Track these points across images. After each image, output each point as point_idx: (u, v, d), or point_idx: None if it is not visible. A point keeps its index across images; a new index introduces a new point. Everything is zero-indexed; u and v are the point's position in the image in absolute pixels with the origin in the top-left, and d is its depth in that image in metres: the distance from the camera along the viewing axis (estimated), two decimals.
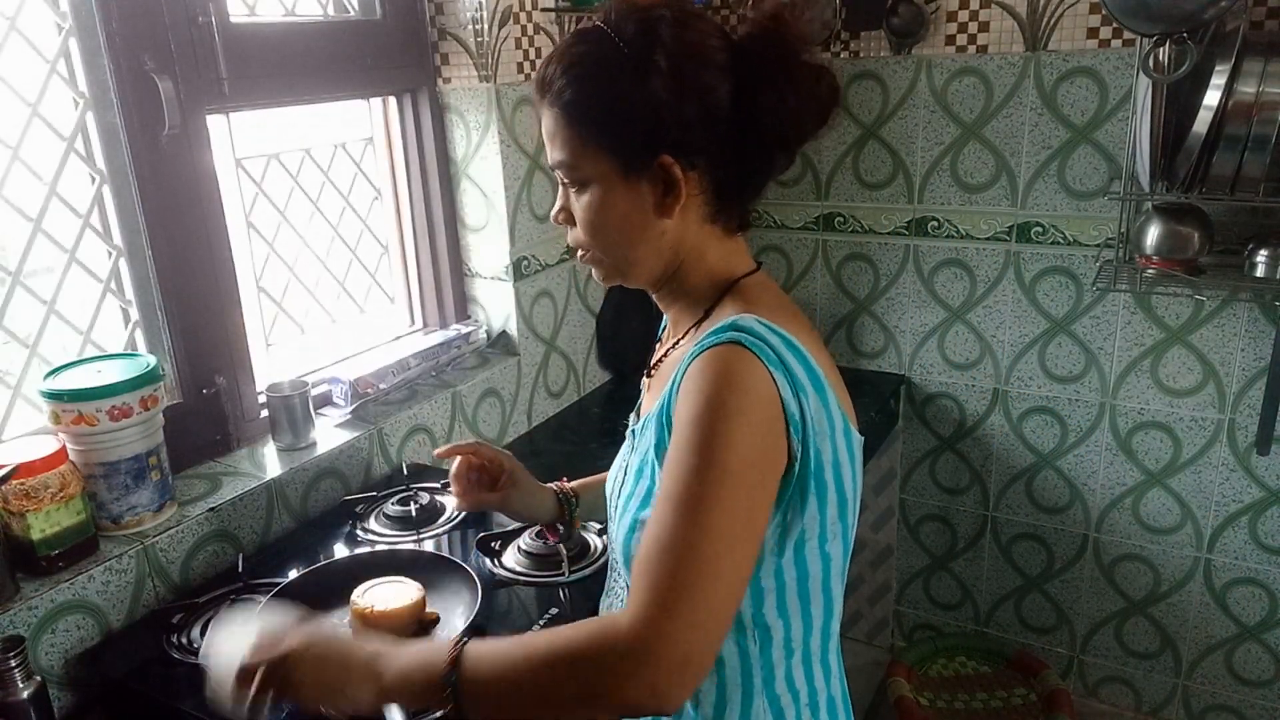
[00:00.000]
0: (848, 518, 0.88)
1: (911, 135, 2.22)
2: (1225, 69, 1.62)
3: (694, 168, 0.86)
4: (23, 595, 1.20)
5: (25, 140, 1.35)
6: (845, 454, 0.86)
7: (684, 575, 0.73)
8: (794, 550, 0.85)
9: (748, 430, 0.77)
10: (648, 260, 0.91)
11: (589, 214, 0.89)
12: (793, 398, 0.79)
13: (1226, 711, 2.29)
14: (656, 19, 0.84)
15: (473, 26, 1.83)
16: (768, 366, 0.78)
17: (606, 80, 0.84)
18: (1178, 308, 2.06)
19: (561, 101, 0.86)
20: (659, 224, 0.88)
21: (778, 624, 0.88)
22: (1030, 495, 2.36)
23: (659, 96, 0.82)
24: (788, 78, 0.84)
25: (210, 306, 1.54)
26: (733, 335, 0.80)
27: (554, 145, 0.89)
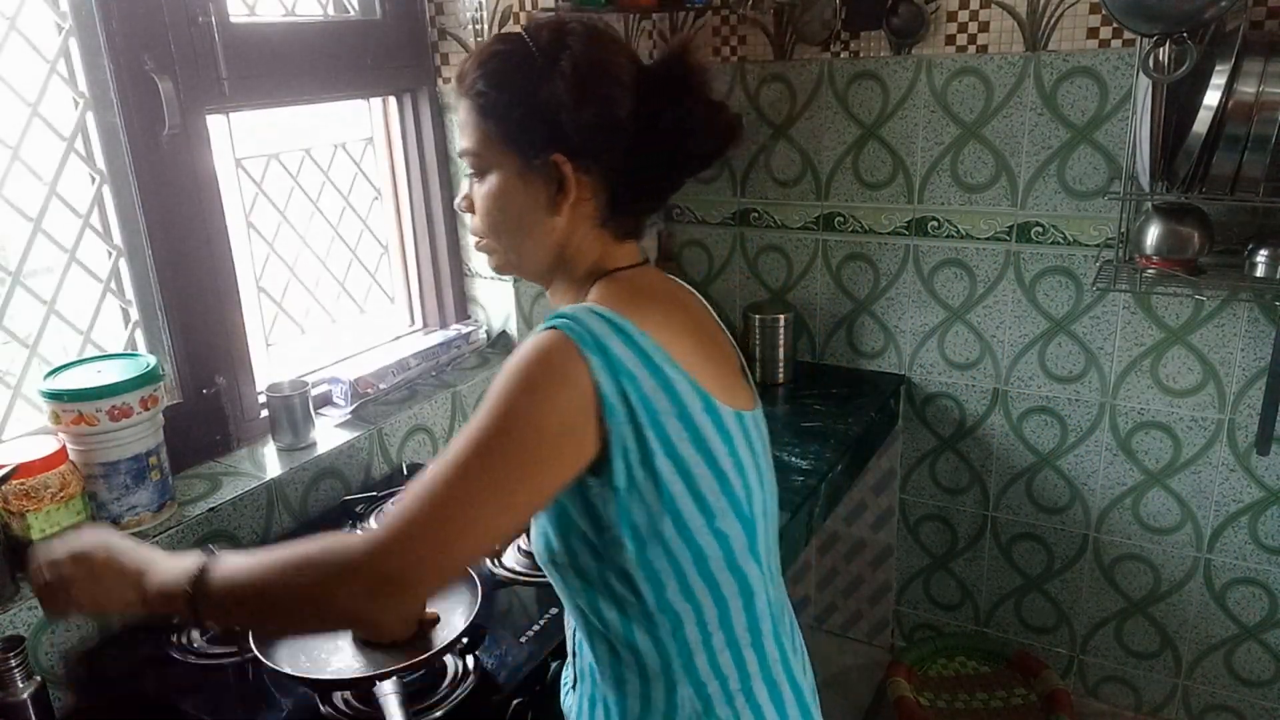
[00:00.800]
0: (735, 493, 0.90)
1: (911, 135, 2.22)
2: (1225, 69, 1.62)
3: (588, 172, 0.91)
4: (23, 595, 1.20)
5: (25, 140, 1.35)
6: (712, 430, 0.87)
7: (420, 509, 0.79)
8: (678, 532, 0.87)
9: (543, 407, 0.80)
10: (535, 253, 0.96)
11: (486, 202, 0.95)
12: (610, 381, 0.82)
13: (1226, 711, 2.29)
14: (569, 31, 0.91)
15: (473, 26, 1.83)
16: (583, 350, 0.82)
17: (514, 79, 0.90)
18: (1178, 308, 2.06)
19: (472, 94, 0.92)
20: (549, 220, 0.93)
21: (685, 608, 0.90)
22: (1030, 495, 2.36)
23: (560, 99, 0.88)
24: (687, 106, 0.90)
25: (210, 306, 1.54)
26: (555, 321, 0.84)
27: (463, 135, 0.95)
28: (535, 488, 0.82)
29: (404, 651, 1.14)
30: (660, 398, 0.84)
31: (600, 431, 0.82)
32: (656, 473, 0.85)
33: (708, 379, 0.89)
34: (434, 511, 0.79)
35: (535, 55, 0.90)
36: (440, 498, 0.79)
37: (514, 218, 0.94)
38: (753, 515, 0.93)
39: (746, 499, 0.92)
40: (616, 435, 0.82)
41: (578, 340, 0.82)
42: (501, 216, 0.95)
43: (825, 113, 2.30)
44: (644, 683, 0.93)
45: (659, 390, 0.84)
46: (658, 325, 0.88)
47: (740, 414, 0.91)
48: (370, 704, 1.12)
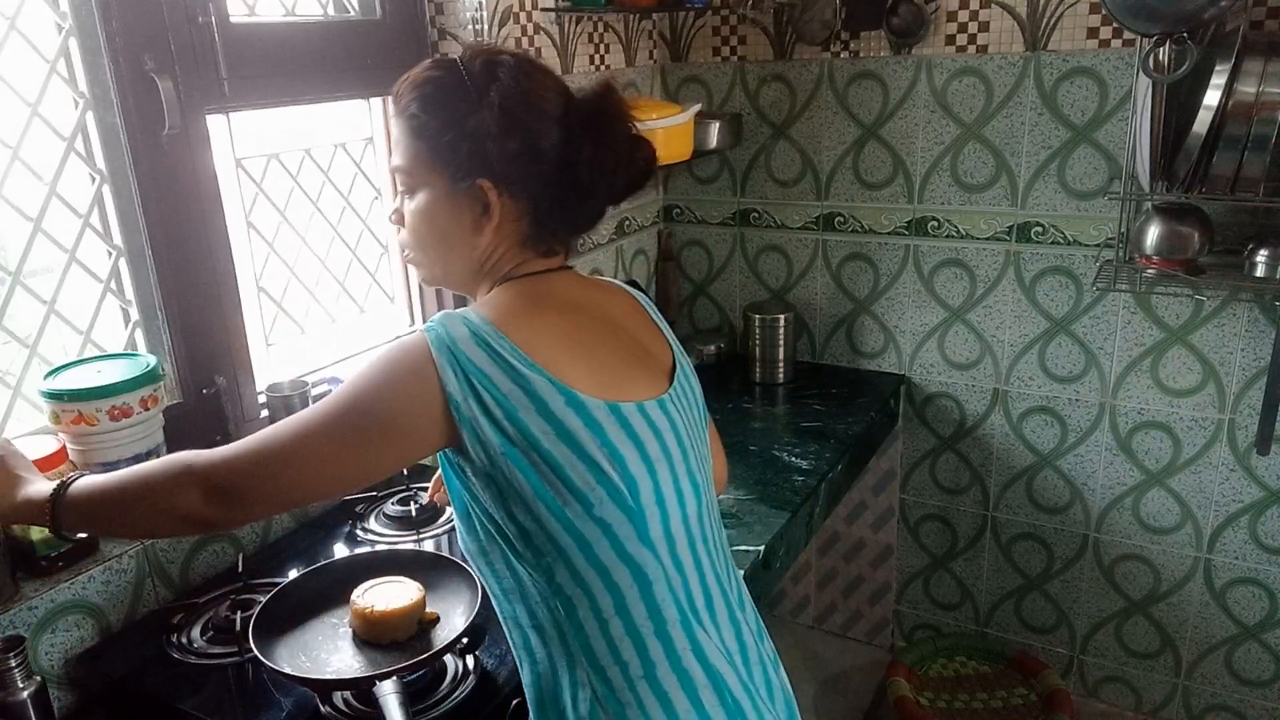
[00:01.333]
0: (612, 483, 0.93)
1: (911, 135, 2.22)
2: (1225, 69, 1.62)
3: (512, 197, 0.97)
4: (23, 595, 1.20)
5: (25, 140, 1.35)
6: (578, 422, 0.92)
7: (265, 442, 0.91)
8: (555, 519, 0.92)
9: (383, 391, 0.90)
10: (459, 268, 1.03)
11: (414, 219, 1.01)
12: (456, 381, 0.89)
13: (1226, 711, 2.29)
14: (500, 63, 0.97)
15: (473, 26, 1.83)
16: (434, 351, 0.90)
17: (445, 105, 0.96)
18: (1178, 308, 2.06)
19: (406, 114, 0.98)
20: (473, 240, 0.99)
21: (577, 592, 0.94)
22: (1030, 495, 2.36)
23: (487, 128, 0.94)
24: (607, 141, 0.97)
25: (210, 306, 1.54)
26: (427, 326, 0.93)
27: (395, 151, 1.01)
28: (364, 458, 0.91)
29: (404, 651, 1.14)
30: (518, 395, 0.90)
31: (450, 424, 0.90)
32: (519, 462, 0.91)
33: (580, 376, 0.94)
34: (274, 448, 0.90)
35: (467, 84, 0.96)
36: (284, 439, 0.91)
37: (439, 235, 1.01)
38: (640, 504, 0.95)
39: (629, 488, 0.94)
40: (468, 429, 0.90)
41: (434, 344, 0.90)
42: (428, 233, 1.01)
43: (825, 113, 2.30)
44: (548, 657, 0.98)
45: (516, 389, 0.90)
46: (529, 329, 0.94)
47: (616, 405, 0.95)
48: (370, 704, 1.12)
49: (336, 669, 1.12)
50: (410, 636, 1.17)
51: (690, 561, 1.00)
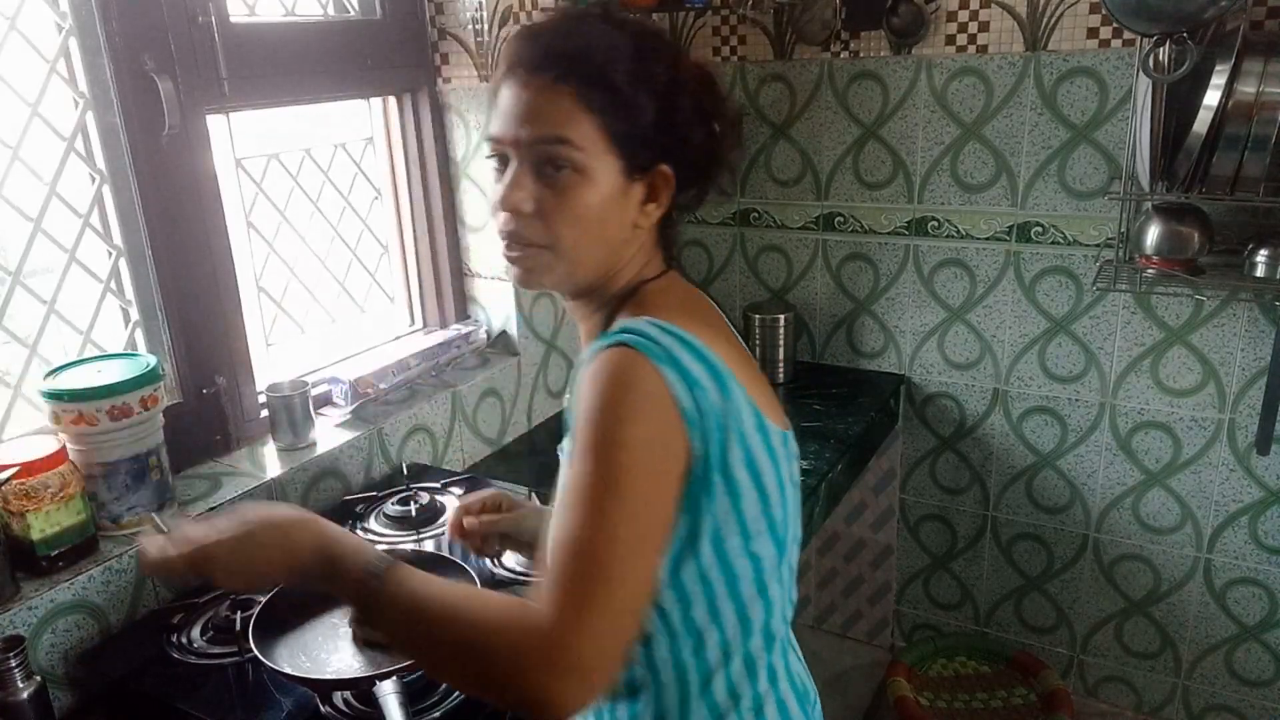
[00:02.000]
0: (773, 514, 0.87)
1: (911, 135, 2.22)
2: (1225, 69, 1.62)
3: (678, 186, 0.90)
4: (23, 595, 1.20)
5: (25, 140, 1.35)
6: (761, 449, 0.85)
7: (589, 581, 0.72)
8: (714, 551, 0.84)
9: (641, 428, 0.77)
10: (596, 260, 0.89)
11: (579, 206, 0.85)
12: (686, 393, 0.79)
13: (1226, 711, 2.29)
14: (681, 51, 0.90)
15: (473, 26, 1.83)
16: (656, 364, 0.79)
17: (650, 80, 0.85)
18: (1178, 308, 2.06)
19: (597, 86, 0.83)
20: (627, 230, 0.89)
21: (711, 629, 0.87)
22: (1030, 495, 2.36)
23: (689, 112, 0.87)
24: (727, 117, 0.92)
25: (210, 306, 1.54)
26: (620, 337, 0.81)
27: (560, 124, 0.83)
28: (667, 506, 0.79)
29: None
30: (725, 412, 0.81)
31: (687, 444, 0.79)
32: (711, 488, 0.82)
33: (757, 395, 0.86)
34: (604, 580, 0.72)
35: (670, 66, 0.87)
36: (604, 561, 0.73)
37: (598, 223, 0.86)
38: (785, 537, 0.91)
39: (783, 520, 0.89)
40: (696, 448, 0.80)
41: (647, 353, 0.79)
42: (586, 221, 0.85)
43: (825, 113, 2.30)
44: (656, 700, 0.90)
45: (724, 403, 0.82)
46: (708, 338, 0.84)
47: (785, 434, 0.90)
48: (370, 704, 1.12)
49: (336, 669, 1.12)
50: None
51: (791, 585, 0.97)
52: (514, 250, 0.88)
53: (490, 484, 1.68)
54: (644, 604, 0.78)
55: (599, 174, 0.85)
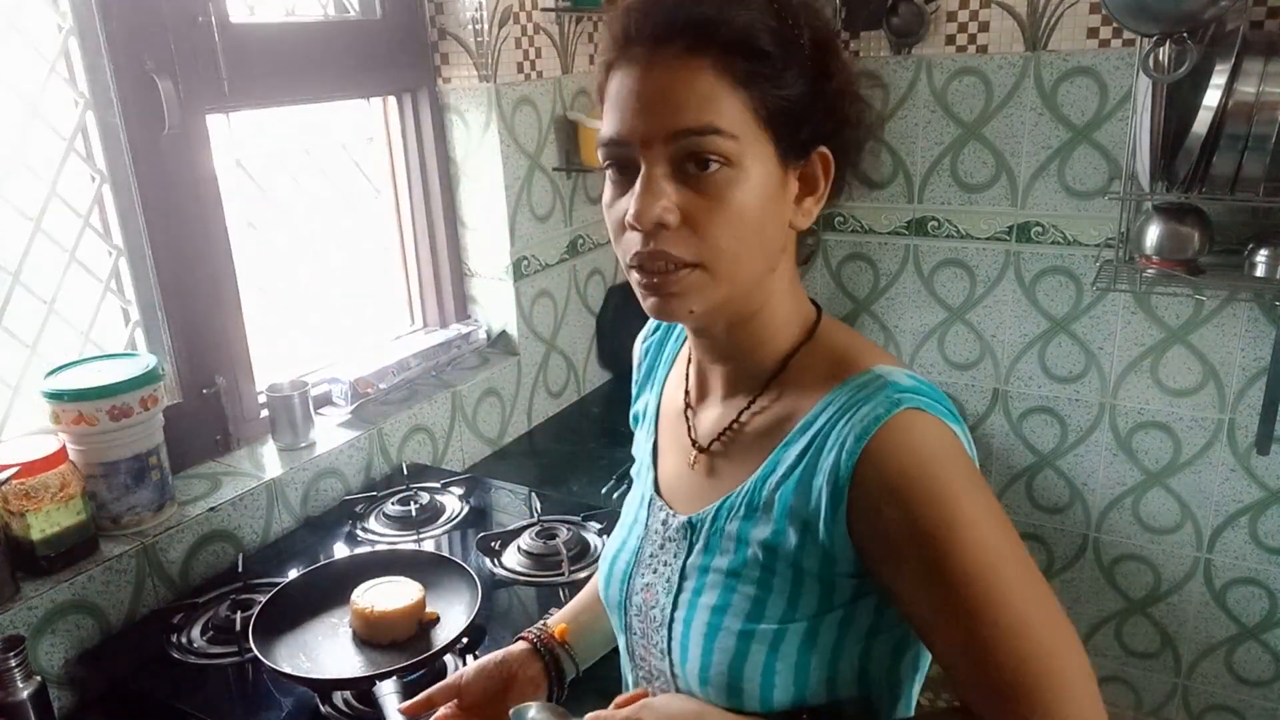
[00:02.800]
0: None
1: (911, 135, 2.21)
2: (1225, 69, 1.62)
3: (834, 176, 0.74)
4: (23, 595, 1.20)
5: (25, 140, 1.34)
6: None
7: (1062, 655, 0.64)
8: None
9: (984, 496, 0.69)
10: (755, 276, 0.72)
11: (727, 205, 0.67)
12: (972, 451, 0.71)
13: (1226, 711, 2.29)
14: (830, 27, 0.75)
15: (472, 26, 1.83)
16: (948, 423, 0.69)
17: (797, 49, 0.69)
18: (1178, 308, 2.06)
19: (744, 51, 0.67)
20: (784, 232, 0.73)
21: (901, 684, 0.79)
22: (1030, 495, 2.36)
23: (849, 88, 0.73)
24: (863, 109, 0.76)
25: (210, 306, 1.54)
26: (901, 398, 0.68)
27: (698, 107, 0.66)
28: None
29: (404, 651, 1.14)
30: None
31: None
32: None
33: None
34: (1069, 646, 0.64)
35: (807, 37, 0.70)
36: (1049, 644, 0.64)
37: (757, 231, 0.70)
38: None
39: None
40: None
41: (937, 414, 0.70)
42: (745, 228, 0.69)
43: None
44: None
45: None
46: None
47: None
48: (370, 704, 1.12)
49: (337, 669, 1.12)
50: (410, 636, 1.17)
51: None
52: (653, 275, 0.69)
53: (490, 481, 1.68)
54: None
55: (753, 166, 0.68)
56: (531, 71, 1.94)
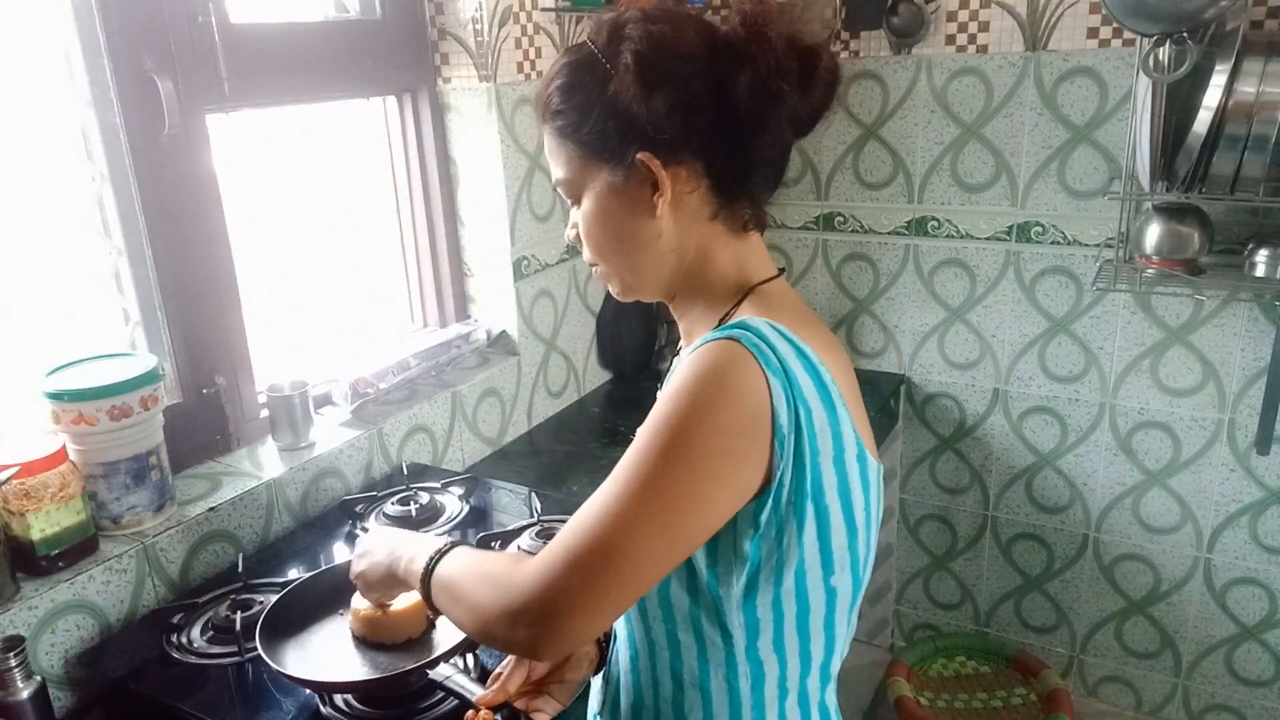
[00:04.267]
0: (858, 549, 0.84)
1: (911, 135, 2.22)
2: (1225, 69, 1.62)
3: (679, 162, 0.84)
4: (23, 595, 1.20)
5: (25, 140, 1.34)
6: (857, 479, 0.81)
7: (578, 540, 0.75)
8: (795, 581, 0.81)
9: (715, 428, 0.74)
10: (649, 267, 0.89)
11: (587, 225, 0.89)
12: (787, 409, 0.75)
13: (1226, 711, 2.29)
14: (626, 21, 0.84)
15: (473, 26, 1.83)
16: (765, 370, 0.75)
17: (582, 87, 0.84)
18: (1178, 308, 2.06)
19: (550, 115, 0.87)
20: (651, 226, 0.86)
21: (772, 660, 0.84)
22: (1030, 495, 2.36)
23: (628, 92, 0.81)
24: (766, 59, 0.80)
25: (210, 306, 1.54)
26: (734, 332, 0.77)
27: (553, 162, 0.90)
28: (699, 519, 0.76)
29: (409, 653, 1.13)
30: (825, 437, 0.78)
31: (769, 463, 0.76)
32: (803, 515, 0.78)
33: (860, 423, 0.83)
34: (587, 547, 0.74)
35: (598, 57, 0.84)
36: (595, 533, 0.74)
37: (617, 235, 0.88)
38: (861, 575, 0.87)
39: (865, 556, 0.86)
40: (780, 469, 0.76)
41: (758, 356, 0.75)
42: (605, 236, 0.89)
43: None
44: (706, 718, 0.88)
45: (826, 428, 0.78)
46: (825, 357, 0.81)
47: (879, 467, 0.86)
48: (370, 704, 1.12)
49: (341, 671, 1.12)
50: (419, 635, 1.16)
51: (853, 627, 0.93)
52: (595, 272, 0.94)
53: (490, 481, 1.67)
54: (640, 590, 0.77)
55: (591, 191, 0.88)
56: (531, 71, 1.94)
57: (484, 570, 0.84)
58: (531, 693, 1.00)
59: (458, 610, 0.85)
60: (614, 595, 0.75)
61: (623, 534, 0.74)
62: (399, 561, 0.95)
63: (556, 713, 1.01)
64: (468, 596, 0.83)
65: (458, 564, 0.88)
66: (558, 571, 0.75)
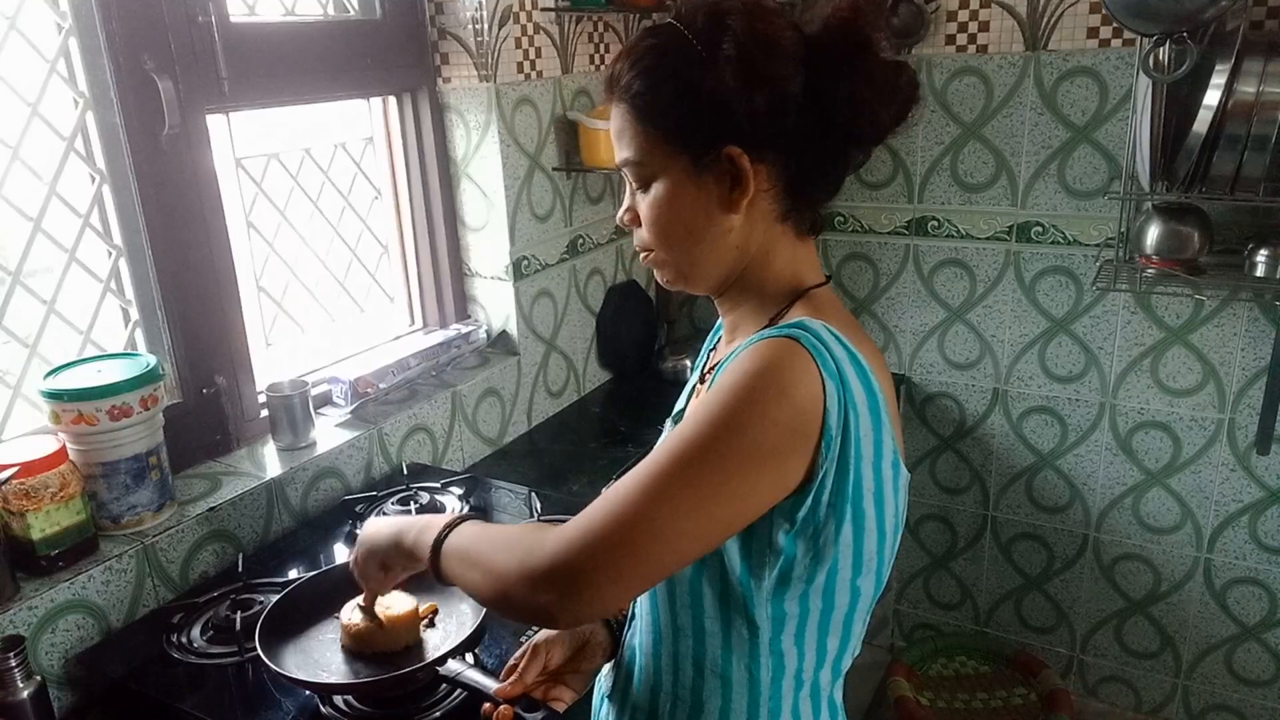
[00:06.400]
0: (885, 553, 0.85)
1: (911, 135, 2.21)
2: (1225, 69, 1.62)
3: (763, 161, 0.83)
4: (23, 595, 1.20)
5: (25, 140, 1.35)
6: (890, 486, 0.82)
7: (610, 512, 0.74)
8: (825, 580, 0.81)
9: (770, 421, 0.74)
10: (711, 260, 0.88)
11: (654, 211, 0.86)
12: (838, 411, 0.76)
13: (1226, 711, 2.29)
14: (727, 10, 0.82)
15: (472, 26, 1.83)
16: (822, 371, 0.75)
17: (673, 71, 0.82)
18: (1178, 308, 2.06)
19: (629, 95, 0.84)
20: (725, 221, 0.85)
21: (792, 653, 0.85)
22: (1030, 495, 2.36)
23: (727, 85, 0.80)
24: (863, 71, 0.82)
25: (210, 306, 1.54)
26: (793, 331, 0.77)
27: (621, 142, 0.87)
28: (737, 506, 0.76)
29: (409, 655, 1.13)
30: (869, 443, 0.78)
31: (812, 461, 0.76)
32: (843, 517, 0.79)
33: (896, 432, 0.84)
34: (622, 516, 0.74)
35: (693, 43, 0.82)
36: (632, 503, 0.74)
37: (686, 224, 0.86)
38: (883, 579, 0.87)
39: (889, 559, 0.87)
40: (824, 469, 0.76)
41: (816, 357, 0.76)
42: (674, 225, 0.86)
43: None
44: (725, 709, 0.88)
45: (870, 434, 0.79)
46: (870, 364, 0.81)
47: (908, 476, 0.87)
48: (370, 704, 1.12)
49: (341, 672, 1.12)
50: (417, 636, 1.16)
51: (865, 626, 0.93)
52: (645, 258, 0.92)
53: (490, 480, 1.68)
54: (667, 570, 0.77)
55: (665, 176, 0.85)
56: (531, 71, 1.94)
57: (504, 536, 0.82)
58: (548, 683, 1.01)
59: (474, 575, 0.83)
60: (643, 568, 0.74)
61: (664, 508, 0.73)
62: (407, 533, 0.93)
63: (573, 701, 1.02)
64: (485, 560, 0.81)
65: (473, 532, 0.87)
66: (591, 537, 0.74)
